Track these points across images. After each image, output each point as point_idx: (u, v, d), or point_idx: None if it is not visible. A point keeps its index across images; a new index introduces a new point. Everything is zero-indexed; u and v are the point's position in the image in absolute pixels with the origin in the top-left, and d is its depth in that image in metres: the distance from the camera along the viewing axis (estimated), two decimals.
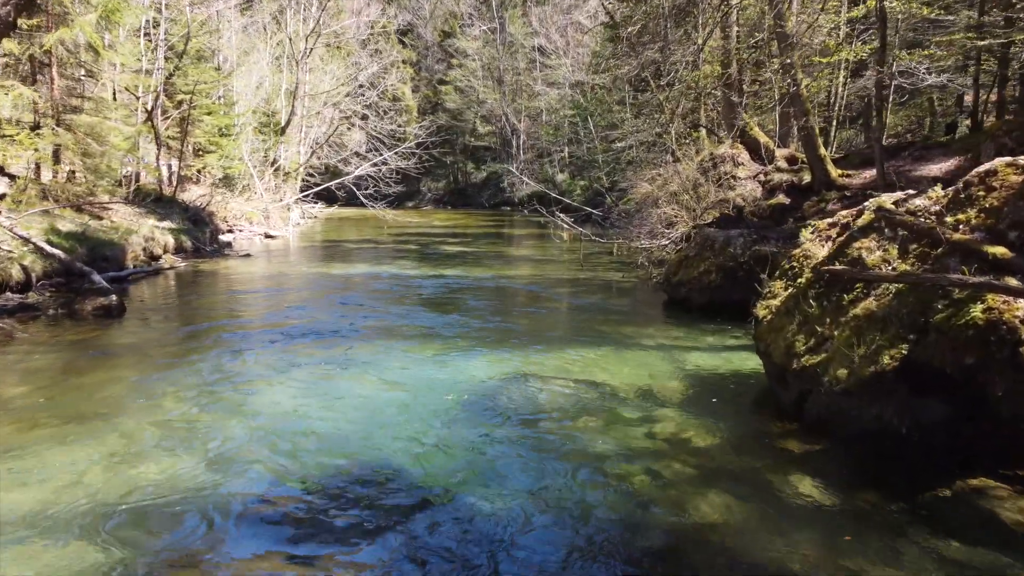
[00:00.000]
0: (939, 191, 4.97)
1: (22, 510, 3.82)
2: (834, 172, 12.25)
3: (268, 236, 21.82)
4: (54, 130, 13.84)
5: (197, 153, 22.09)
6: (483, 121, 48.65)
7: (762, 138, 14.68)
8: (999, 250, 4.14)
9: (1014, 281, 3.87)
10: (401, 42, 48.87)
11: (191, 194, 20.31)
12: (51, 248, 10.61)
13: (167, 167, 20.50)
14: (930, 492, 4.01)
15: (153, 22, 19.54)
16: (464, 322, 9.17)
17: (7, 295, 9.42)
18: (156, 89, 18.53)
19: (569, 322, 9.75)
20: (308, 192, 29.95)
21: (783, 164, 13.82)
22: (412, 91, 47.03)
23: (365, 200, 28.61)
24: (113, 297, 9.24)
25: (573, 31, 39.01)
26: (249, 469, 4.40)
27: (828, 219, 6.03)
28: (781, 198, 12.80)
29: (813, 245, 5.81)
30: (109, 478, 4.23)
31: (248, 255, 16.82)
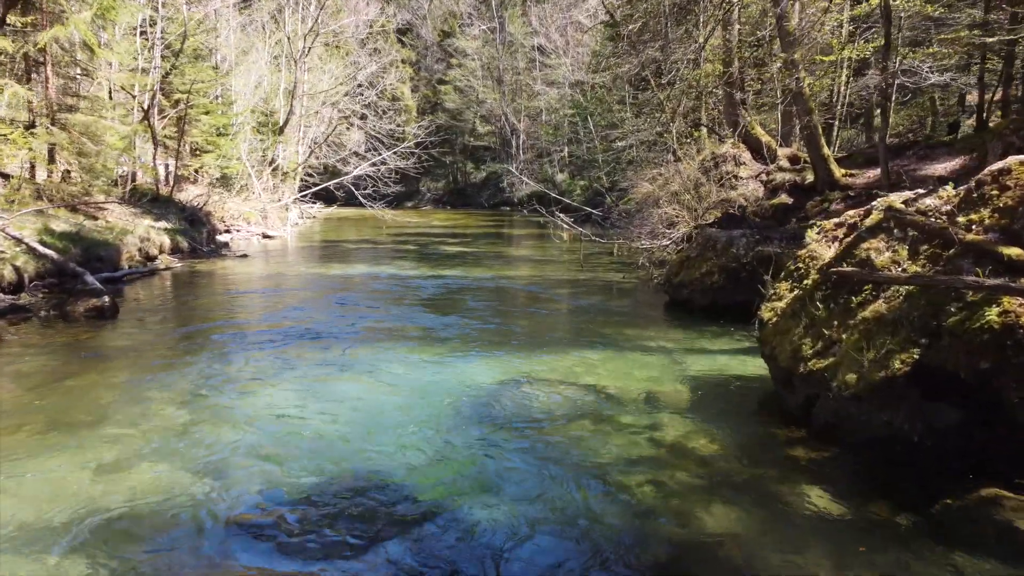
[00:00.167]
0: (950, 190, 4.84)
1: (6, 516, 3.72)
2: (838, 171, 12.14)
3: (266, 236, 21.67)
4: (49, 129, 13.70)
5: (194, 153, 21.94)
6: (482, 121, 48.49)
7: (764, 137, 14.56)
8: (1015, 251, 4.02)
9: None
10: (400, 41, 48.74)
11: (188, 194, 20.16)
12: (44, 248, 10.47)
13: (164, 167, 20.38)
14: (942, 501, 3.89)
15: (150, 20, 19.40)
16: (463, 323, 9.05)
17: None
18: (153, 88, 18.39)
19: (569, 324, 9.62)
20: (306, 192, 29.83)
21: (785, 163, 13.70)
22: (411, 91, 46.88)
23: (364, 200, 28.45)
24: (106, 298, 9.10)
25: (573, 30, 38.81)
26: (242, 476, 4.29)
27: (834, 219, 5.90)
28: (784, 198, 12.68)
29: (819, 246, 5.68)
30: (98, 485, 4.12)
31: (245, 255, 16.69)
